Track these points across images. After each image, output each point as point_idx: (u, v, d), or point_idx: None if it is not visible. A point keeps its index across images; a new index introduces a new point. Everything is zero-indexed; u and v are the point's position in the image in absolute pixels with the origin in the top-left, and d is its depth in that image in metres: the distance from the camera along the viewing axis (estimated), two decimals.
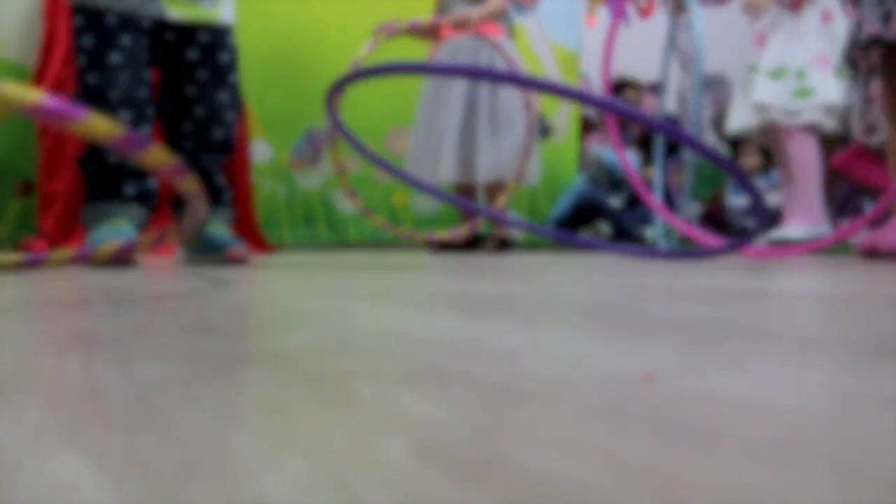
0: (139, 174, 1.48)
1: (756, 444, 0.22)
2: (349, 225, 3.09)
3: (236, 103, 1.61)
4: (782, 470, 0.19)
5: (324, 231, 3.05)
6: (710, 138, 3.79)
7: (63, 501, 0.17)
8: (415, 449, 0.21)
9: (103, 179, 1.46)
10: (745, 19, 2.93)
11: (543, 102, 3.52)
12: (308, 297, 0.79)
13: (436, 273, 1.26)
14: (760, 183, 3.36)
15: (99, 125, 0.83)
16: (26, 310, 0.65)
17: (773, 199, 3.30)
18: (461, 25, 2.47)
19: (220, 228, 1.60)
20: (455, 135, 2.43)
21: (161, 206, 1.97)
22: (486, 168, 2.43)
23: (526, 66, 2.72)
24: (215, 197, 1.62)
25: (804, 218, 2.44)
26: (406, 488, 0.18)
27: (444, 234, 2.57)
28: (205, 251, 1.56)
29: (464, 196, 2.57)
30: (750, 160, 3.39)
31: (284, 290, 0.89)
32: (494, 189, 2.54)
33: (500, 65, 2.47)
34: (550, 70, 3.57)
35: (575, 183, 3.35)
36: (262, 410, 0.27)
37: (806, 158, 2.44)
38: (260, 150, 2.94)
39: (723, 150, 3.74)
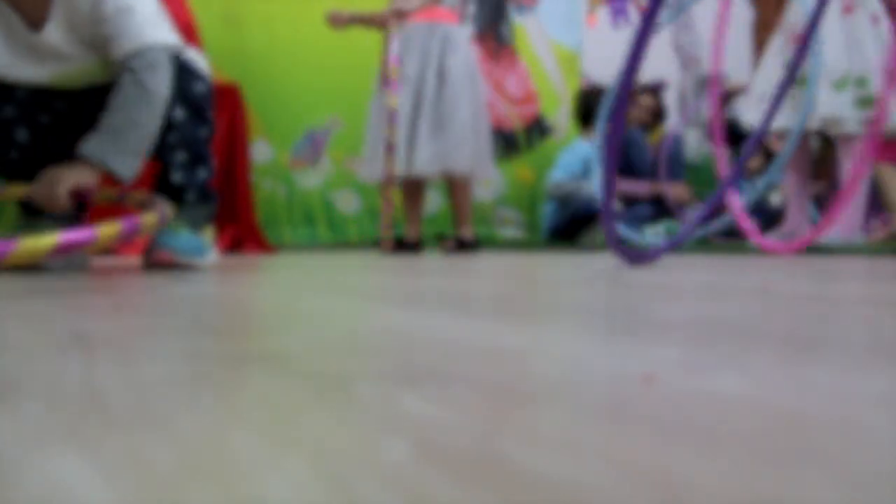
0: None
1: (756, 444, 0.22)
2: (349, 225, 3.09)
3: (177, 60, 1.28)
4: (782, 470, 0.19)
5: (324, 231, 3.05)
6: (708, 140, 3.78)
7: (63, 501, 0.17)
8: (415, 449, 0.21)
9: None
10: (744, 17, 2.92)
11: (544, 101, 3.52)
12: (308, 297, 0.79)
13: (435, 274, 1.26)
14: (761, 184, 3.36)
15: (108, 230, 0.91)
16: (26, 310, 0.65)
17: (773, 199, 3.30)
18: (398, 17, 2.40)
19: (173, 228, 1.32)
20: (403, 128, 2.37)
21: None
22: (424, 160, 2.34)
23: (513, 63, 2.67)
24: (173, 197, 1.35)
25: (844, 226, 2.43)
26: (406, 488, 0.18)
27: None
28: (145, 251, 1.34)
29: (412, 193, 2.50)
30: (751, 161, 3.39)
31: (284, 290, 0.89)
32: (456, 186, 2.46)
33: (451, 54, 2.41)
34: (551, 70, 3.56)
35: (545, 212, 3.28)
36: (262, 410, 0.27)
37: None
38: (260, 150, 2.94)
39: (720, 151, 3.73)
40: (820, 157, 2.82)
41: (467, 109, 2.38)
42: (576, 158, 3.12)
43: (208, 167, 1.40)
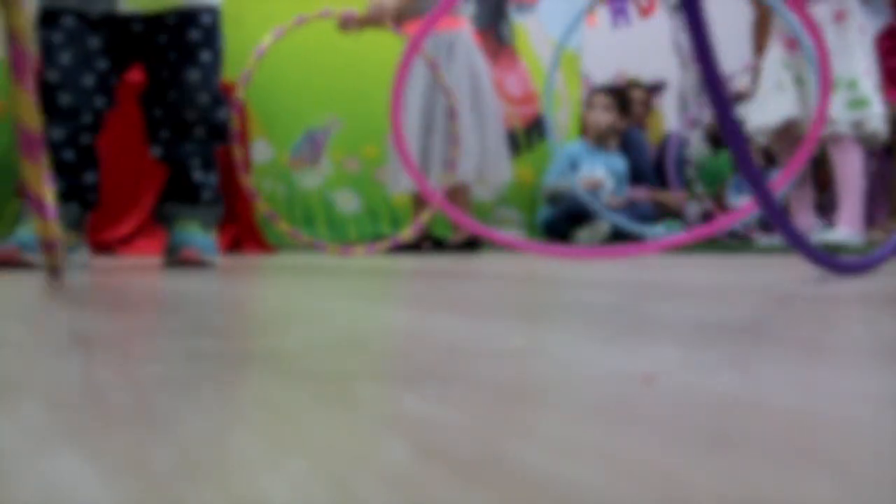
0: (73, 167, 1.38)
1: (757, 444, 0.22)
2: (349, 225, 3.09)
3: (214, 85, 1.44)
4: (783, 470, 0.19)
5: (324, 231, 3.04)
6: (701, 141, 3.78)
7: (63, 501, 0.17)
8: (415, 449, 0.21)
9: None
10: (744, 17, 2.92)
11: (543, 101, 3.53)
12: (308, 297, 0.79)
13: (434, 274, 1.26)
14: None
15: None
16: (26, 310, 0.65)
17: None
18: (376, 19, 2.35)
19: (188, 226, 1.41)
20: (414, 141, 2.36)
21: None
22: (437, 174, 2.34)
23: (512, 64, 2.65)
24: (190, 195, 1.44)
25: (849, 224, 2.48)
26: (406, 488, 0.18)
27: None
28: (166, 251, 1.42)
29: (419, 202, 2.49)
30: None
31: (284, 290, 0.89)
32: (454, 193, 2.45)
33: (451, 64, 2.38)
34: (551, 70, 3.56)
35: (539, 210, 3.29)
36: (262, 410, 0.27)
37: (857, 168, 2.48)
38: (260, 150, 2.93)
39: (711, 152, 3.74)
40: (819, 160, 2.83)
41: (469, 118, 2.37)
42: (563, 158, 3.14)
43: (216, 172, 1.49)
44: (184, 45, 1.42)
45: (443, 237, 2.57)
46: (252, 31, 2.94)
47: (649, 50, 3.74)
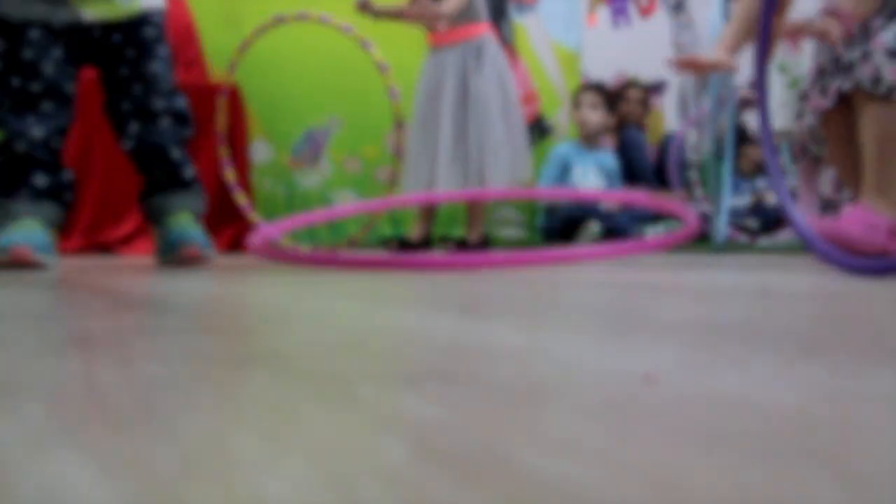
0: (51, 165, 1.38)
1: (756, 444, 0.22)
2: (349, 225, 3.09)
3: (171, 76, 1.49)
4: (782, 470, 0.19)
5: (324, 231, 3.04)
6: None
7: (63, 501, 0.17)
8: (415, 449, 0.21)
9: (11, 171, 1.37)
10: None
11: (543, 102, 3.53)
12: (308, 297, 0.79)
13: (434, 274, 1.26)
14: (760, 183, 3.36)
15: None
16: (26, 309, 0.65)
17: (771, 199, 3.30)
18: (429, 20, 2.31)
19: (182, 220, 1.43)
20: (448, 146, 2.35)
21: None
22: (464, 180, 2.34)
23: (513, 64, 2.64)
24: (172, 174, 1.46)
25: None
26: (406, 488, 0.18)
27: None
28: (162, 249, 1.42)
29: (423, 206, 2.48)
30: (747, 161, 3.40)
31: (284, 290, 0.89)
32: (474, 199, 2.45)
33: (479, 72, 2.38)
34: (551, 70, 3.56)
35: (539, 220, 3.31)
36: (262, 410, 0.27)
37: None
38: (260, 150, 2.93)
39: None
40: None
41: (500, 124, 2.37)
42: (553, 163, 3.15)
43: (191, 160, 1.51)
44: (140, 41, 1.46)
45: (464, 238, 2.56)
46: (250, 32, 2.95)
47: (649, 50, 3.74)
